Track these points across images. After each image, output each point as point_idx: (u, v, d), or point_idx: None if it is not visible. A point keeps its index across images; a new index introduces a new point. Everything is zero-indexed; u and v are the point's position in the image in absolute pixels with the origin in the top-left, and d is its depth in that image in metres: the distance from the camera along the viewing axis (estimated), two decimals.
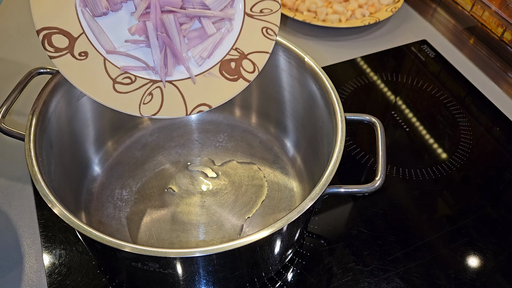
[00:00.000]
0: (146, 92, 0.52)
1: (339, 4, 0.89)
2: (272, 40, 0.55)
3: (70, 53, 0.50)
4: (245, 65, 0.54)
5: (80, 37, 0.50)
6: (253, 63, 0.54)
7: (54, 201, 0.45)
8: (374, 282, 0.57)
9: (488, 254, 0.60)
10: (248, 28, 0.55)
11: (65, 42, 0.50)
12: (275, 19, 0.55)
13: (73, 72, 0.50)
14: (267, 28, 0.55)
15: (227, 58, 0.54)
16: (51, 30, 0.50)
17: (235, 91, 0.53)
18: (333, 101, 0.54)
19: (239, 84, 0.53)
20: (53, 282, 0.55)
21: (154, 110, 0.51)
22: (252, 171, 0.65)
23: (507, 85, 0.82)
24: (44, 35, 0.49)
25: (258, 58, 0.54)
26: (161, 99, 0.52)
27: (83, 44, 0.51)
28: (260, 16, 0.55)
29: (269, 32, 0.55)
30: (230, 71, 0.54)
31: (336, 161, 0.49)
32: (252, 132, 0.70)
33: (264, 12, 0.55)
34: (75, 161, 0.61)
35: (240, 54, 0.54)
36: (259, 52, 0.54)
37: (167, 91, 0.52)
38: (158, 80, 0.52)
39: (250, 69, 0.54)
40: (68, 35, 0.50)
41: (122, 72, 0.52)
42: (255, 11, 0.55)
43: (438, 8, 0.96)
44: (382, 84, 0.81)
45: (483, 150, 0.72)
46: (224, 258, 0.46)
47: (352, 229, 0.62)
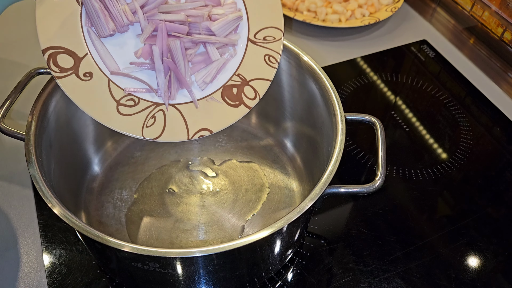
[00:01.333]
0: (149, 115, 0.52)
1: (339, 4, 0.89)
2: (274, 68, 0.55)
3: (75, 74, 0.50)
4: (246, 91, 0.54)
5: (85, 57, 0.50)
6: (255, 90, 0.54)
7: (54, 201, 0.45)
8: (374, 282, 0.57)
9: (489, 254, 0.60)
10: (251, 55, 0.55)
11: (70, 62, 0.50)
12: (278, 47, 0.56)
13: (77, 93, 0.50)
14: (269, 56, 0.55)
15: (229, 84, 0.54)
16: (57, 50, 0.49)
17: (236, 117, 0.53)
18: (333, 101, 0.54)
19: (240, 110, 0.54)
20: (53, 282, 0.55)
21: (156, 133, 0.51)
22: (252, 171, 0.65)
23: (507, 85, 0.82)
24: (49, 54, 0.49)
25: (260, 85, 0.55)
26: (164, 123, 0.52)
27: (88, 64, 0.50)
28: (263, 43, 0.56)
29: (271, 60, 0.55)
30: (232, 97, 0.54)
31: (336, 161, 0.49)
32: (251, 132, 0.70)
33: (267, 40, 0.56)
34: (75, 161, 0.61)
35: (242, 80, 0.55)
36: (261, 80, 0.55)
37: (169, 115, 0.52)
38: (161, 103, 0.52)
39: (251, 96, 0.54)
40: (73, 55, 0.50)
41: (126, 94, 0.52)
42: (259, 38, 0.56)
43: (438, 8, 0.96)
44: (382, 84, 0.81)
45: (483, 150, 0.72)
46: (224, 258, 0.46)
47: (352, 229, 0.62)
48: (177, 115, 0.53)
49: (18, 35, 0.86)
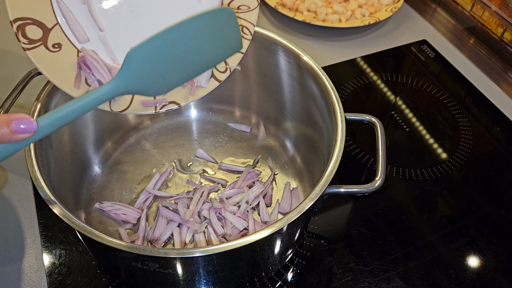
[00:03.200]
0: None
1: (339, 4, 0.89)
2: (247, 39, 0.53)
3: (44, 45, 0.49)
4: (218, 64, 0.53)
5: (54, 28, 0.49)
6: (226, 62, 0.53)
7: (54, 201, 0.45)
8: (374, 282, 0.57)
9: (489, 254, 0.60)
10: None
11: (39, 33, 0.49)
12: (252, 18, 0.54)
13: (46, 64, 0.49)
14: (242, 27, 0.54)
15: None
16: (25, 21, 0.48)
17: (205, 90, 0.53)
18: (333, 101, 0.54)
19: (210, 84, 0.53)
20: (53, 282, 0.55)
21: (124, 106, 0.51)
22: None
23: (507, 85, 0.82)
24: (18, 25, 0.48)
25: (231, 58, 0.53)
26: (131, 97, 0.51)
27: (57, 35, 0.49)
28: (237, 13, 0.53)
29: (245, 31, 0.54)
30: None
31: (336, 161, 0.49)
32: (252, 132, 0.70)
33: (241, 9, 0.54)
34: (75, 161, 0.61)
35: None
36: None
37: None
38: None
39: (222, 69, 0.54)
40: (42, 26, 0.49)
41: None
42: (233, 7, 0.54)
43: (438, 8, 0.96)
44: (382, 84, 0.81)
45: (483, 150, 0.72)
46: (224, 258, 0.46)
47: (352, 229, 0.62)
48: None
49: None
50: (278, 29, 0.90)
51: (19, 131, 0.37)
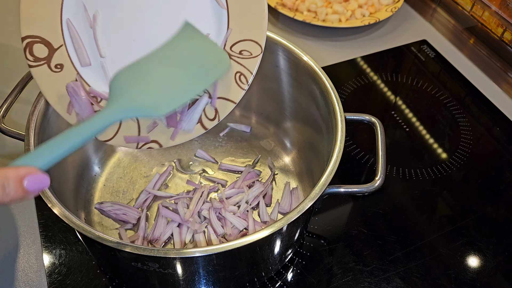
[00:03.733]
0: None
1: (339, 4, 0.89)
2: (243, 89, 0.51)
3: (47, 64, 0.50)
4: (207, 110, 0.52)
5: (59, 48, 0.50)
6: (216, 110, 0.51)
7: (54, 201, 0.45)
8: (374, 282, 0.57)
9: (488, 254, 0.60)
10: None
11: (44, 52, 0.50)
12: (252, 66, 0.50)
13: (46, 83, 0.50)
14: (240, 74, 0.51)
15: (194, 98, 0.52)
16: (34, 39, 0.50)
17: (188, 136, 0.52)
18: (333, 101, 0.54)
19: (196, 130, 0.52)
20: (53, 282, 0.55)
21: (109, 136, 0.52)
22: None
23: (507, 85, 0.82)
24: (27, 43, 0.49)
25: (223, 106, 0.51)
26: (118, 127, 0.52)
27: (61, 56, 0.51)
28: (237, 58, 0.51)
29: (242, 80, 0.51)
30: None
31: (336, 161, 0.49)
32: (252, 132, 0.70)
33: (243, 55, 0.51)
34: (75, 161, 0.61)
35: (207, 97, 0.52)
36: (226, 100, 0.51)
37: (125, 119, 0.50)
38: None
39: (211, 116, 0.52)
40: (48, 45, 0.50)
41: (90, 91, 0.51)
42: (235, 50, 0.51)
43: (438, 8, 0.96)
44: (382, 84, 0.81)
45: (483, 150, 0.72)
46: (224, 258, 0.46)
47: (352, 229, 0.62)
48: (133, 122, 0.52)
49: (19, 35, 0.85)
50: (278, 29, 0.90)
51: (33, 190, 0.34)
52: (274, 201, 0.62)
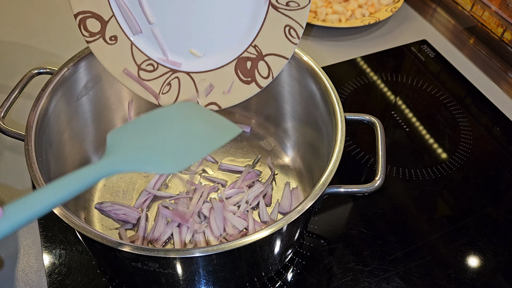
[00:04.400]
0: (166, 82, 0.54)
1: (339, 4, 0.89)
2: (294, 44, 0.50)
3: (102, 37, 0.53)
4: (260, 67, 0.52)
5: (110, 20, 0.52)
6: (269, 67, 0.51)
7: None
8: (374, 282, 0.57)
9: (488, 254, 0.60)
10: (270, 22, 0.49)
11: (97, 26, 0.52)
12: (301, 18, 0.48)
13: (105, 56, 0.53)
14: (290, 28, 0.49)
15: (245, 56, 0.52)
16: (86, 14, 0.52)
17: (246, 95, 0.52)
18: (333, 101, 0.54)
19: (251, 89, 0.52)
20: (53, 282, 0.55)
21: (170, 101, 0.54)
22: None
23: (507, 85, 0.82)
24: (80, 19, 0.52)
25: (275, 63, 0.51)
26: (178, 92, 0.54)
27: (113, 28, 0.53)
28: (285, 10, 0.48)
29: (292, 34, 0.49)
30: (245, 72, 0.52)
31: (336, 161, 0.49)
32: (252, 132, 0.70)
33: (290, 6, 0.48)
34: (75, 161, 0.61)
35: (258, 53, 0.51)
36: (277, 56, 0.51)
37: (183, 83, 0.54)
38: (177, 69, 0.54)
39: (264, 74, 0.52)
40: (100, 18, 0.52)
41: (146, 58, 0.53)
42: (281, 2, 0.48)
43: (438, 8, 0.96)
44: (382, 84, 0.81)
45: (483, 150, 0.72)
46: (224, 258, 0.46)
47: (352, 229, 0.62)
48: (191, 85, 0.54)
49: (19, 35, 0.86)
50: None
51: None
52: (274, 201, 0.62)
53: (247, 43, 0.51)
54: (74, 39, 0.85)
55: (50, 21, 0.89)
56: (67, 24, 0.88)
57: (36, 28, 0.87)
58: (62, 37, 0.86)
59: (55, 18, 0.89)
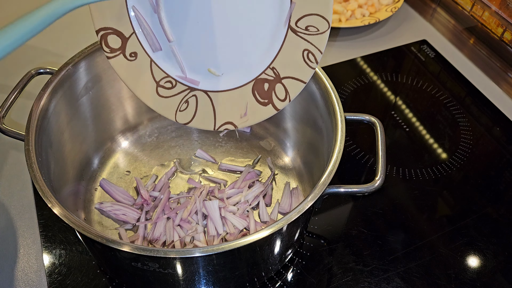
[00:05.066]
0: (183, 99, 0.55)
1: (339, 4, 0.89)
2: (312, 68, 0.49)
3: (122, 54, 0.53)
4: (277, 90, 0.51)
5: (131, 37, 0.53)
6: (286, 90, 0.51)
7: (54, 201, 0.45)
8: (374, 282, 0.57)
9: (488, 254, 0.60)
10: (289, 46, 0.49)
11: (118, 43, 0.53)
12: (320, 43, 0.47)
13: (125, 72, 0.54)
14: (308, 52, 0.48)
15: (262, 77, 0.52)
16: (107, 31, 0.52)
17: (262, 116, 0.53)
18: (333, 101, 0.54)
19: (267, 110, 0.52)
20: (53, 282, 0.55)
21: (187, 119, 0.55)
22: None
23: (507, 85, 0.82)
24: (101, 35, 0.52)
25: (292, 86, 0.50)
26: (195, 109, 0.55)
27: (134, 44, 0.53)
28: (304, 34, 0.48)
29: (310, 58, 0.49)
30: (262, 93, 0.52)
31: (336, 161, 0.49)
32: (252, 132, 0.70)
33: (309, 31, 0.48)
34: (75, 161, 0.61)
35: (276, 76, 0.51)
36: (295, 79, 0.50)
37: (201, 102, 0.54)
38: (195, 88, 0.54)
39: (281, 96, 0.51)
40: (120, 35, 0.53)
41: (165, 75, 0.54)
42: (300, 26, 0.48)
43: (438, 8, 0.96)
44: (382, 84, 0.81)
45: (483, 150, 0.72)
46: (224, 258, 0.46)
47: (352, 229, 0.62)
48: (208, 103, 0.54)
49: None
50: None
51: None
52: (274, 201, 0.62)
53: (265, 64, 0.51)
54: (74, 39, 0.85)
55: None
56: (67, 24, 0.88)
57: None
58: (62, 37, 0.86)
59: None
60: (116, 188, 0.62)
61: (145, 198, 0.60)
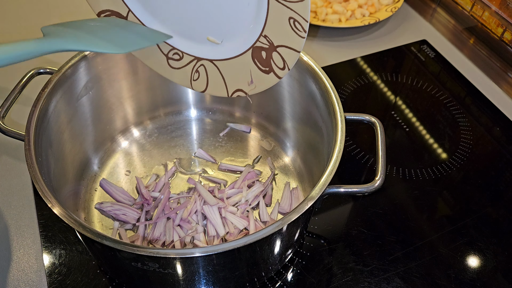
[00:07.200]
0: (194, 69, 0.57)
1: (339, 4, 0.89)
2: (302, 37, 0.48)
3: None
4: (275, 58, 0.52)
5: (128, 15, 0.54)
6: (283, 59, 0.51)
7: (54, 201, 0.45)
8: (374, 282, 0.57)
9: (488, 254, 0.60)
10: (274, 13, 0.49)
11: None
12: (303, 11, 0.47)
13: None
14: (294, 20, 0.48)
15: (258, 45, 0.52)
16: (106, 13, 0.55)
17: (267, 84, 0.54)
18: (333, 101, 0.54)
19: (271, 78, 0.53)
20: (53, 282, 0.55)
21: (202, 87, 0.58)
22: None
23: (507, 85, 0.82)
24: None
25: (288, 55, 0.50)
26: (207, 78, 0.57)
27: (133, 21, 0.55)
28: (285, 2, 0.47)
29: (297, 27, 0.48)
30: (262, 61, 0.53)
31: (336, 161, 0.49)
32: (252, 132, 0.70)
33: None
34: (75, 161, 0.61)
35: (270, 44, 0.51)
36: (288, 48, 0.50)
37: (210, 71, 0.56)
38: (202, 57, 0.56)
39: (280, 65, 0.52)
40: (118, 15, 0.55)
41: (171, 48, 0.56)
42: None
43: (438, 8, 0.96)
44: (382, 84, 0.81)
45: (483, 150, 0.72)
46: (224, 258, 0.46)
47: (352, 229, 0.62)
48: (216, 72, 0.56)
49: (18, 34, 0.86)
50: None
51: None
52: (274, 201, 0.62)
53: (258, 32, 0.52)
54: None
55: (50, 21, 0.89)
56: None
57: (36, 28, 0.87)
58: None
59: (55, 18, 0.89)
60: (116, 188, 0.62)
61: (146, 197, 0.60)
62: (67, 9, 0.91)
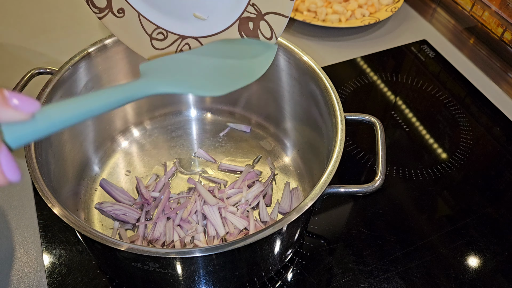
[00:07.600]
0: (178, 49, 0.56)
1: (339, 4, 0.89)
2: (290, 0, 0.48)
3: (110, 12, 0.54)
4: (262, 27, 0.51)
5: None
6: (271, 27, 0.50)
7: (54, 201, 0.45)
8: (374, 282, 0.57)
9: (488, 254, 0.60)
10: None
11: (103, 1, 0.54)
12: None
13: (120, 30, 0.55)
14: None
15: (245, 16, 0.51)
16: None
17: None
18: (333, 101, 0.54)
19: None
20: (53, 282, 0.55)
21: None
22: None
23: (507, 85, 0.82)
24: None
25: (276, 22, 0.50)
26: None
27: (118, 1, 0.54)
28: None
29: None
30: (249, 33, 0.52)
31: (336, 161, 0.49)
32: (252, 132, 0.70)
33: None
34: (75, 161, 0.61)
35: (258, 13, 0.50)
36: (276, 14, 0.50)
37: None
38: (186, 35, 0.55)
39: (267, 34, 0.51)
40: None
41: (155, 27, 0.55)
42: None
43: (438, 8, 0.96)
44: (382, 84, 0.81)
45: (483, 150, 0.72)
46: (224, 258, 0.46)
47: (352, 229, 0.62)
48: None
49: (18, 34, 0.86)
50: None
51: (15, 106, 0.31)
52: (274, 201, 0.62)
53: (245, 1, 0.51)
54: (74, 39, 0.85)
55: (50, 21, 0.89)
56: (67, 24, 0.88)
57: (36, 28, 0.87)
58: (62, 37, 0.86)
59: (55, 19, 0.89)
60: (116, 188, 0.62)
61: (146, 197, 0.60)
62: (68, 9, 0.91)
